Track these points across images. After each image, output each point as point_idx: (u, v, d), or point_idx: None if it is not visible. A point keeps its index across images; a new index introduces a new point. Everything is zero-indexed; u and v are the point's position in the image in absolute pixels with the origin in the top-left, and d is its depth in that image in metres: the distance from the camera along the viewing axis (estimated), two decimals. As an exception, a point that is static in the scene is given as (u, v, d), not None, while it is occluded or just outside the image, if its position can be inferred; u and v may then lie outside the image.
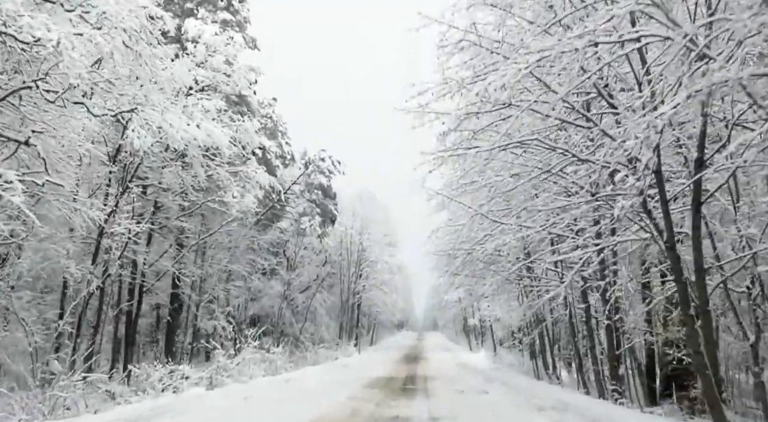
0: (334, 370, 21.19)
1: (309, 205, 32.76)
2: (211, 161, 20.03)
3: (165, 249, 21.99)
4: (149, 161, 20.06)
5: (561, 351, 21.51)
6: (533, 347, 23.42)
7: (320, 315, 42.09)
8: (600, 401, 12.09)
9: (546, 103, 8.11)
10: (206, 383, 13.36)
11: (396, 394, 13.28)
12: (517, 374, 22.03)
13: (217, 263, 26.78)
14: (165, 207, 22.08)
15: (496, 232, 12.55)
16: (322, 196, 33.63)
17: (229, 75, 21.35)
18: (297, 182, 32.39)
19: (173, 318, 23.72)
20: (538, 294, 19.14)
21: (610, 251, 11.40)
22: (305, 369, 21.70)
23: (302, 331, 38.22)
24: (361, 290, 42.55)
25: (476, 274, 19.79)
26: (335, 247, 40.53)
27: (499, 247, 12.25)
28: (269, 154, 31.07)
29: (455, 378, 18.45)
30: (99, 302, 20.07)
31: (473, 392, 13.82)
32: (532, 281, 19.32)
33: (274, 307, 36.37)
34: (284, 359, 20.50)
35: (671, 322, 14.09)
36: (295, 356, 25.61)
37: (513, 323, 28.17)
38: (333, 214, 34.59)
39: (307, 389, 13.49)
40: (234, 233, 27.79)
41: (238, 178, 21.90)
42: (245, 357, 15.41)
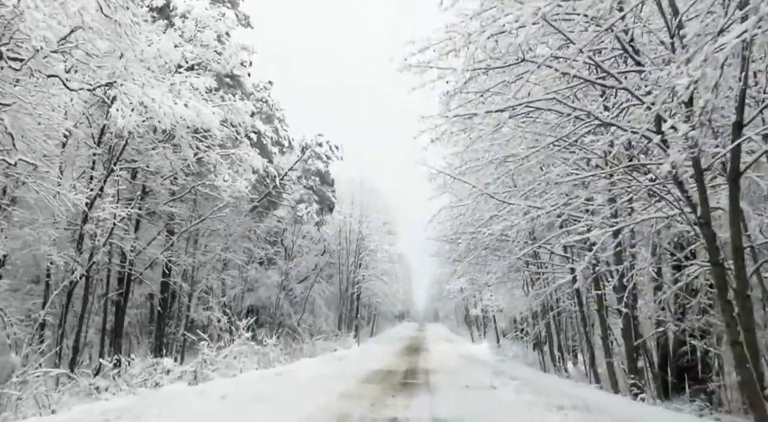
0: (331, 363, 20.23)
1: (306, 192, 31.73)
2: (201, 142, 19.00)
3: (154, 236, 20.98)
4: (136, 144, 19.08)
5: (567, 342, 20.57)
6: (539, 338, 22.47)
7: (319, 306, 41.16)
8: (626, 399, 11.02)
9: (564, 60, 7.07)
10: (190, 377, 12.40)
11: (395, 390, 12.27)
12: (523, 366, 21.07)
13: (211, 252, 25.81)
14: (154, 192, 21.07)
15: (503, 213, 11.53)
16: (320, 182, 32.59)
17: (219, 53, 20.28)
18: (294, 169, 31.37)
19: (164, 309, 22.74)
20: (546, 282, 18.17)
21: (629, 232, 10.38)
22: (301, 361, 20.75)
23: (300, 322, 37.35)
24: (361, 280, 41.57)
25: (480, 261, 18.82)
26: (334, 236, 39.56)
27: (506, 229, 11.24)
28: (265, 138, 30.01)
29: (459, 371, 17.47)
30: (84, 292, 19.15)
31: (479, 387, 12.76)
32: (539, 268, 18.36)
33: (271, 298, 35.54)
34: (278, 351, 19.55)
35: (691, 311, 13.13)
36: (291, 347, 24.66)
37: (517, 313, 27.23)
38: (331, 201, 33.57)
39: (299, 384, 12.50)
40: (228, 220, 26.82)
41: (230, 161, 20.87)
42: (233, 350, 14.41)
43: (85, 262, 17.86)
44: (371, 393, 11.44)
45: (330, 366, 18.91)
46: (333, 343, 34.72)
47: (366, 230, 40.46)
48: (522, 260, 17.74)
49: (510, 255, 15.45)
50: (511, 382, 13.18)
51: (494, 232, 11.51)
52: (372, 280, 42.18)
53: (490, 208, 12.46)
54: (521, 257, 16.13)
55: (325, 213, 33.45)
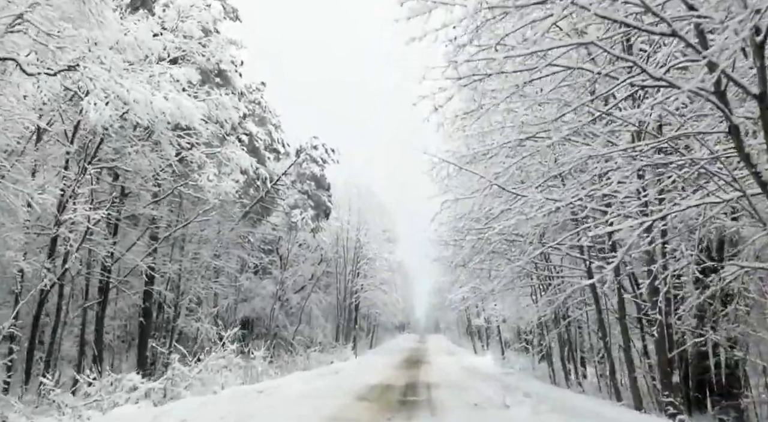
0: (325, 376, 18.68)
1: (301, 197, 30.27)
2: (182, 138, 17.58)
3: (133, 242, 19.49)
4: (113, 142, 17.72)
5: (580, 353, 19.05)
6: (548, 349, 20.92)
7: (316, 317, 39.59)
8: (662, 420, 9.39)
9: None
10: (159, 396, 10.88)
11: (392, 410, 10.72)
12: (532, 379, 19.50)
13: (200, 259, 24.31)
14: (134, 194, 19.64)
15: (517, 206, 10.06)
16: (315, 187, 31.12)
17: (204, 45, 18.92)
18: (288, 173, 29.90)
19: (147, 320, 21.21)
20: (557, 289, 16.67)
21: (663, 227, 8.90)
22: (293, 375, 19.20)
23: (297, 334, 35.83)
24: (359, 289, 39.99)
25: (485, 266, 17.34)
26: (331, 244, 38.07)
27: (519, 225, 9.77)
28: (257, 141, 28.63)
29: (464, 386, 15.89)
30: (58, 302, 17.71)
31: (490, 406, 11.15)
32: (551, 271, 16.88)
33: (266, 309, 34.13)
34: (267, 364, 18.00)
35: (726, 319, 11.65)
36: (282, 360, 23.11)
37: (522, 324, 25.70)
38: (327, 206, 32.07)
39: (282, 402, 10.96)
40: (218, 226, 25.36)
41: (216, 161, 19.44)
42: (209, 364, 12.85)
43: (58, 269, 16.47)
44: (364, 415, 9.89)
45: (323, 380, 17.36)
46: (329, 355, 33.13)
47: (364, 238, 38.95)
48: (532, 264, 16.25)
49: (520, 258, 13.96)
50: (525, 399, 11.61)
51: (505, 229, 10.04)
52: (371, 290, 40.61)
53: (500, 202, 10.98)
54: (532, 260, 14.63)
55: (321, 219, 31.97)
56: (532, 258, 13.37)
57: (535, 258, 14.79)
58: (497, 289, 17.31)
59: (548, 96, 8.42)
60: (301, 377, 18.30)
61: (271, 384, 14.85)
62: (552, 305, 16.08)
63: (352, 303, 40.19)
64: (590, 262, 13.60)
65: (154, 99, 14.93)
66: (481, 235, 12.85)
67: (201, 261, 24.37)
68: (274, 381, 16.36)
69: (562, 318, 17.64)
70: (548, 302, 16.54)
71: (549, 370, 20.74)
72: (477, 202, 10.82)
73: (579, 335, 21.25)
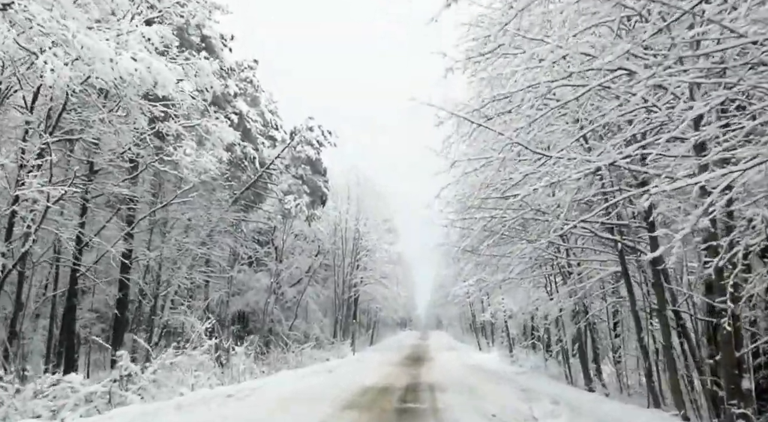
0: (316, 376, 16.68)
1: (295, 182, 28.23)
2: (154, 107, 15.55)
3: (102, 225, 17.47)
4: (78, 112, 15.74)
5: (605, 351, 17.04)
6: (564, 347, 18.88)
7: (313, 311, 37.64)
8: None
9: None
10: (104, 401, 8.90)
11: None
12: (548, 379, 17.46)
13: (183, 248, 22.27)
14: (105, 171, 17.61)
15: (545, 169, 8.04)
16: (311, 171, 29.07)
17: (183, 4, 16.93)
18: (281, 156, 27.86)
19: (121, 312, 19.20)
20: (580, 277, 14.65)
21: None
22: (280, 374, 17.21)
23: (292, 329, 33.93)
24: (358, 283, 37.94)
25: (495, 252, 15.32)
26: (328, 234, 36.05)
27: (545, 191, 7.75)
28: (248, 122, 26.62)
29: (475, 389, 13.78)
30: (17, 290, 15.75)
31: (514, 420, 8.91)
32: (575, 256, 14.87)
33: (260, 302, 32.27)
34: (251, 362, 15.99)
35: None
36: (271, 357, 21.12)
37: (538, 318, 23.67)
38: (323, 193, 30.02)
39: (251, 413, 8.89)
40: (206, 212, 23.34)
41: (196, 135, 17.42)
42: (166, 363, 10.72)
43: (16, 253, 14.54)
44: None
45: (313, 380, 15.38)
46: (326, 352, 31.19)
47: (363, 228, 36.87)
48: (553, 248, 14.21)
49: (540, 238, 11.92)
50: (555, 409, 9.52)
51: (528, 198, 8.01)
52: (370, 283, 38.56)
53: (522, 166, 8.95)
54: (553, 243, 12.60)
55: (316, 206, 29.96)
56: (557, 235, 11.29)
57: (555, 240, 12.76)
58: (511, 277, 15.31)
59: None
60: (290, 376, 16.32)
61: (251, 386, 12.86)
62: (574, 296, 14.06)
63: (350, 297, 38.16)
64: (624, 244, 11.56)
65: (120, 59, 12.90)
66: (495, 212, 10.85)
67: (185, 249, 22.31)
68: (256, 381, 14.36)
69: (584, 311, 15.58)
70: (569, 294, 14.51)
71: (564, 369, 18.71)
72: (494, 167, 8.76)
73: (594, 331, 19.30)
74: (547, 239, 11.16)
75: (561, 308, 15.23)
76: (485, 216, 11.84)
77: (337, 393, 11.91)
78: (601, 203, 11.13)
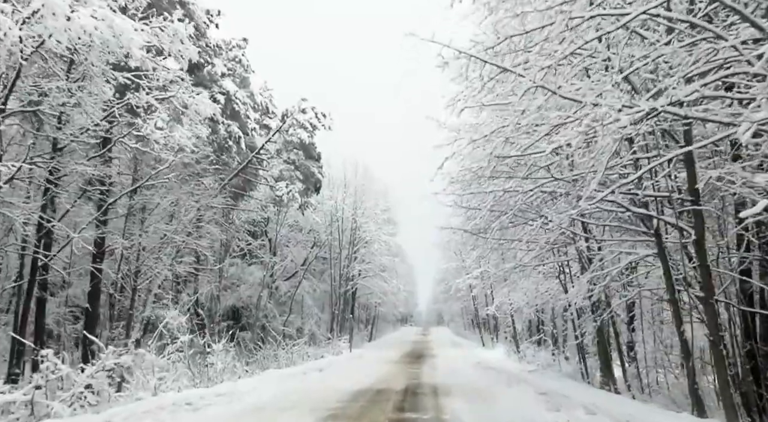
0: (305, 376, 14.91)
1: (287, 167, 26.41)
2: (119, 72, 13.76)
3: (67, 209, 15.67)
4: (34, 79, 13.98)
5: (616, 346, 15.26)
6: (582, 342, 17.11)
7: (309, 306, 35.87)
8: None
9: None
10: (26, 412, 7.12)
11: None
12: (566, 380, 15.65)
13: (165, 237, 20.46)
14: (70, 149, 15.80)
15: (582, 113, 6.24)
16: (304, 156, 27.21)
17: (155, -39, 15.18)
18: (272, 140, 26.07)
19: (93, 306, 17.44)
20: (602, 263, 12.85)
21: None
22: (265, 374, 15.45)
23: (286, 325, 32.19)
24: (356, 276, 36.14)
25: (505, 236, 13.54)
26: (324, 225, 34.25)
27: (581, 137, 5.96)
28: (237, 104, 24.81)
29: (486, 392, 11.83)
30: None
31: None
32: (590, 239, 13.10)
33: (253, 297, 30.55)
34: (230, 360, 14.19)
35: None
36: (259, 355, 19.35)
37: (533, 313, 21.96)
38: (317, 179, 28.15)
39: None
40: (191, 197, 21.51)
41: (170, 107, 15.61)
42: (106, 364, 8.77)
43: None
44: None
45: (299, 382, 13.63)
46: (320, 349, 29.44)
47: (361, 218, 35.03)
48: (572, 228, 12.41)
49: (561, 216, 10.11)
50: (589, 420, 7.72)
51: (562, 149, 6.19)
52: (369, 276, 36.76)
53: (549, 112, 7.12)
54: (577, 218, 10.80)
55: (310, 194, 28.13)
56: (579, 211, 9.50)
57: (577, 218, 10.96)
58: (522, 265, 13.51)
59: None
60: (275, 376, 14.55)
61: (225, 389, 11.07)
62: (599, 284, 12.26)
63: (348, 291, 36.36)
64: (660, 221, 9.78)
65: (77, 16, 11.18)
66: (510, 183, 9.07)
67: (166, 238, 20.49)
68: (235, 383, 12.57)
69: (606, 303, 13.78)
70: (591, 282, 12.69)
71: (580, 366, 16.93)
72: (516, 110, 6.93)
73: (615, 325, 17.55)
74: (568, 213, 9.35)
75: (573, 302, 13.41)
76: (497, 190, 10.04)
77: (322, 399, 10.10)
78: (634, 172, 9.35)
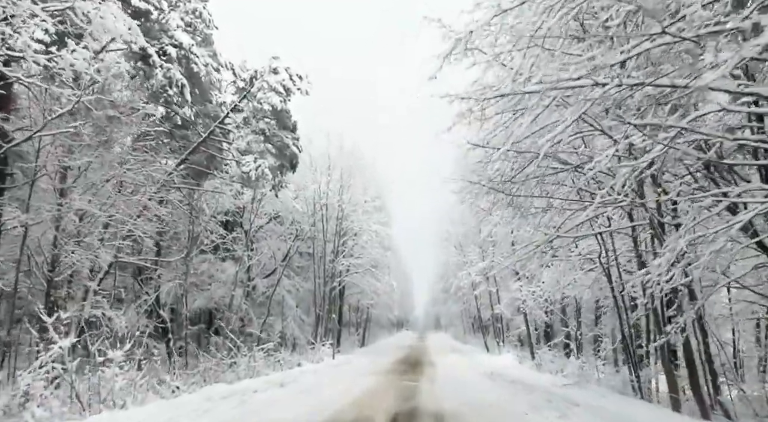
0: (243, 400, 10.42)
1: (256, 138, 22.06)
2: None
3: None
4: None
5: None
6: (630, 348, 12.79)
7: (289, 307, 31.41)
8: None
9: None
10: None
11: None
12: (619, 397, 11.27)
13: (93, 217, 15.96)
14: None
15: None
16: (277, 126, 22.83)
17: None
18: (239, 108, 21.67)
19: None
20: (687, 234, 8.44)
21: None
22: (196, 394, 10.99)
23: (264, 328, 27.87)
24: (344, 271, 31.68)
25: (535, 192, 9.25)
26: (307, 214, 29.86)
27: None
28: (195, 63, 20.45)
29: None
30: None
31: None
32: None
33: (226, 297, 26.29)
34: (137, 376, 9.77)
35: None
36: (207, 365, 14.85)
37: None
38: (293, 153, 23.68)
39: None
40: (139, 173, 17.06)
41: (63, 20, 11.22)
42: None
43: None
44: None
45: (231, 409, 9.22)
46: (300, 355, 24.98)
47: (349, 205, 30.59)
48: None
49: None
50: None
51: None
52: (359, 272, 32.29)
53: None
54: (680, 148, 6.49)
55: (285, 171, 23.75)
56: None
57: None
58: (566, 229, 9.15)
59: None
60: (202, 398, 10.13)
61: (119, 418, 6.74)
62: (694, 261, 7.89)
63: (334, 289, 31.88)
64: None
65: None
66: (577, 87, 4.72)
67: (94, 219, 16.00)
68: (126, 410, 8.21)
69: (689, 296, 9.44)
70: (673, 261, 8.28)
71: (633, 379, 12.56)
72: None
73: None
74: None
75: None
76: (551, 85, 5.73)
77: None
78: None
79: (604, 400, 10.17)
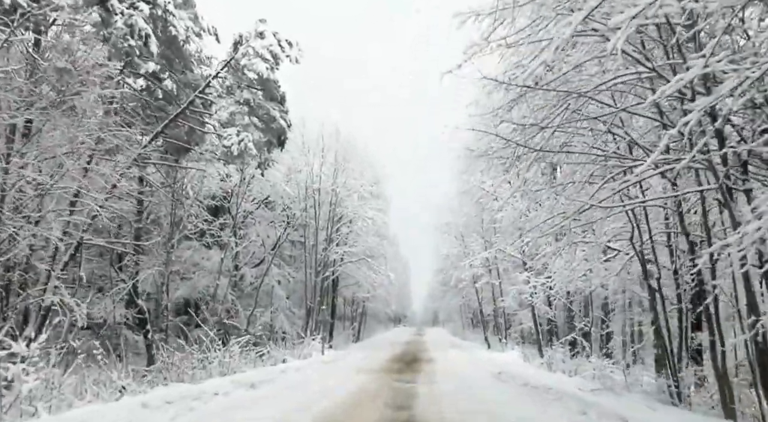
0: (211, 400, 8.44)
1: (239, 109, 20.02)
2: None
3: None
4: None
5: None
6: (666, 343, 10.79)
7: (279, 298, 29.41)
8: None
9: None
10: None
11: None
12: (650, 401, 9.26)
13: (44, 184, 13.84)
14: None
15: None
16: (263, 97, 20.75)
17: None
18: (220, 76, 19.56)
19: None
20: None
21: None
22: (154, 393, 9.01)
23: (251, 320, 25.95)
24: (337, 260, 29.62)
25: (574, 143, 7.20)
26: (298, 200, 27.81)
27: None
28: (174, 25, 18.32)
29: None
30: None
31: None
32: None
33: (211, 287, 24.44)
34: (56, 376, 7.76)
35: None
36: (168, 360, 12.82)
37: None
38: (281, 128, 21.56)
39: None
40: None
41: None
42: None
43: None
44: None
45: (173, 420, 7.22)
46: (287, 350, 22.94)
47: (343, 190, 28.51)
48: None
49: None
50: None
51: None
52: (353, 261, 30.22)
53: None
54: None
55: (272, 148, 21.70)
56: None
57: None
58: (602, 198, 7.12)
59: None
60: (141, 403, 8.13)
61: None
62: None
63: (327, 278, 29.82)
64: None
65: None
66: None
67: (47, 189, 13.88)
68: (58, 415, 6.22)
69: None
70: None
71: (671, 383, 10.56)
72: None
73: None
74: None
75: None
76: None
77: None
78: None
79: (655, 414, 8.11)
